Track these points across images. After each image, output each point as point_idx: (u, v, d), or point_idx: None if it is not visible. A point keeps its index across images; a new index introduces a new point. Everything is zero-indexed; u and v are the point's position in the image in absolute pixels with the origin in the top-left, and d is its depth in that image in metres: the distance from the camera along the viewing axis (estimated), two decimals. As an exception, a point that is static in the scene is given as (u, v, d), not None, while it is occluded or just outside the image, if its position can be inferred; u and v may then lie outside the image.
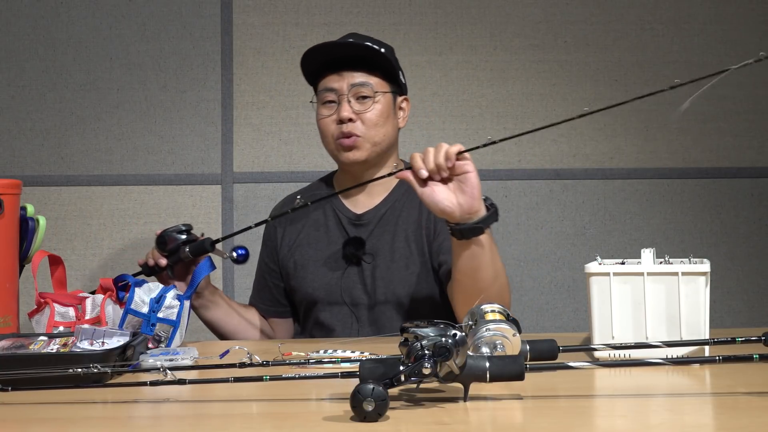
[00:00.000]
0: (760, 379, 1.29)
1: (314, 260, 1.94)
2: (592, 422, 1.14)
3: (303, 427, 1.10)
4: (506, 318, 1.32)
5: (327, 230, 1.96)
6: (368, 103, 1.88)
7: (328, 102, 1.90)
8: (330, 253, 1.94)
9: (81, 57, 2.72)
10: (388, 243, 1.91)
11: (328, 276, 1.92)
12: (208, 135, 2.74)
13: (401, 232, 1.91)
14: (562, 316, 2.76)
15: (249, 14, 2.75)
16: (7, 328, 1.63)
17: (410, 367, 1.11)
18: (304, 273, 1.94)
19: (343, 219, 1.95)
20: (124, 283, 1.68)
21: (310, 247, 1.96)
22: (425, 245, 1.89)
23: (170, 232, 1.85)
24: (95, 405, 1.22)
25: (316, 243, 1.96)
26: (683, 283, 1.44)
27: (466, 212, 1.60)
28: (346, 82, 1.88)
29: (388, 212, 1.93)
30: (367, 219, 1.94)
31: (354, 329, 1.89)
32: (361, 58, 1.89)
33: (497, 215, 1.65)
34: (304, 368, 1.39)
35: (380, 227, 1.92)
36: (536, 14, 2.78)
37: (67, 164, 2.72)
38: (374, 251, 1.90)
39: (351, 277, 1.90)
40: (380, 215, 1.93)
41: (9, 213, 1.66)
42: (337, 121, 1.88)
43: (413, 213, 1.92)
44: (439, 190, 1.60)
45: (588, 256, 1.57)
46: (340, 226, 1.95)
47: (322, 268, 1.93)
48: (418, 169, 1.60)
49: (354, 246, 1.90)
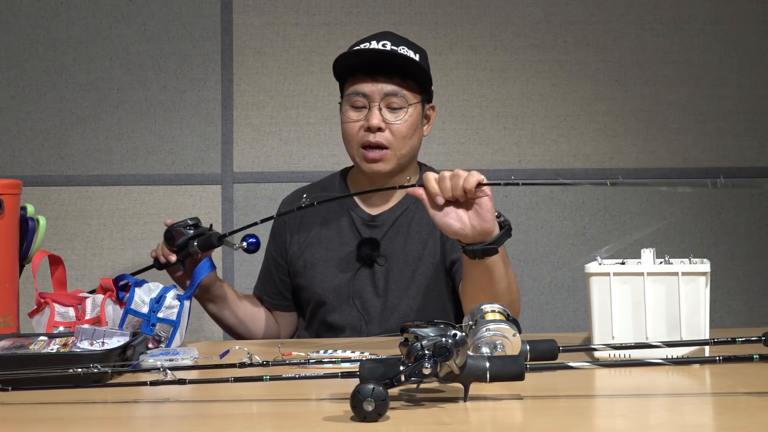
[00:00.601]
0: (760, 379, 1.29)
1: (325, 260, 1.92)
2: (592, 422, 1.14)
3: (303, 427, 1.10)
4: (506, 318, 1.32)
5: (339, 230, 1.93)
6: (399, 114, 1.83)
7: (358, 106, 1.85)
8: (341, 253, 1.91)
9: (81, 57, 2.72)
10: (401, 246, 1.89)
11: (338, 277, 1.90)
12: (208, 135, 2.74)
13: (415, 235, 1.89)
14: (562, 316, 2.76)
15: (249, 14, 2.75)
16: (7, 328, 1.63)
17: (410, 367, 1.11)
18: (314, 272, 1.92)
19: (357, 219, 1.92)
20: (124, 283, 1.68)
21: (321, 246, 1.93)
22: (439, 245, 1.88)
23: (177, 227, 1.84)
24: (95, 405, 1.22)
25: (327, 242, 1.93)
26: (683, 283, 1.44)
27: (478, 234, 1.55)
28: (379, 90, 1.82)
29: (403, 215, 1.91)
30: (381, 221, 1.92)
31: (363, 332, 1.87)
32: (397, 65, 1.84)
33: (510, 232, 1.59)
34: (304, 368, 1.39)
35: (394, 229, 1.90)
36: (536, 14, 2.78)
37: (67, 164, 2.72)
38: (387, 254, 1.88)
39: (362, 279, 1.89)
40: (395, 217, 1.91)
41: (9, 213, 1.66)
42: (365, 127, 1.83)
43: (427, 216, 1.90)
44: (451, 212, 1.55)
45: (588, 256, 1.56)
46: (353, 227, 1.92)
47: (332, 269, 1.91)
48: (434, 196, 1.54)
49: (369, 247, 1.88)
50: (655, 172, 2.79)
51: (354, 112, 1.85)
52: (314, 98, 2.74)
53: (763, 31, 2.81)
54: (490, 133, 2.77)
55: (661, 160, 2.79)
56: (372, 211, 1.93)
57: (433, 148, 2.76)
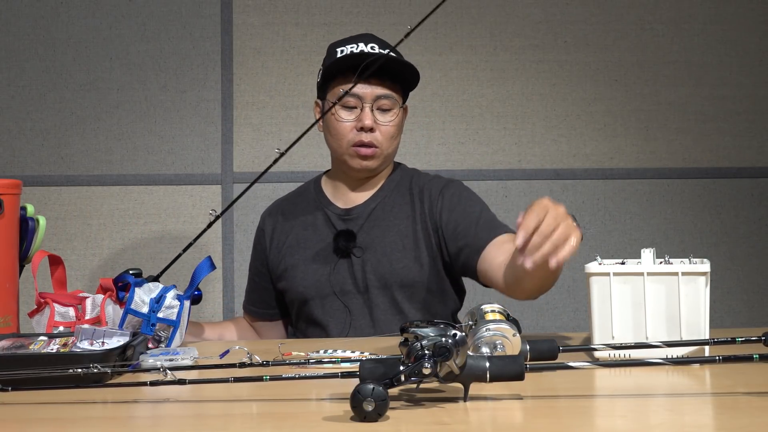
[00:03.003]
0: (760, 379, 1.29)
1: (304, 259, 1.95)
2: (592, 422, 1.14)
3: (303, 427, 1.10)
4: (506, 318, 1.32)
5: (315, 229, 1.96)
6: (388, 116, 1.90)
7: (350, 106, 1.89)
8: (319, 249, 1.94)
9: (81, 57, 2.72)
10: (378, 237, 1.91)
11: (318, 272, 1.92)
12: (208, 135, 2.74)
13: (393, 227, 1.91)
14: (562, 316, 2.76)
15: (249, 14, 2.75)
16: (7, 328, 1.63)
17: (410, 367, 1.11)
18: (294, 273, 1.95)
19: (332, 215, 1.96)
20: (124, 283, 1.67)
21: (299, 247, 1.97)
22: (425, 237, 1.90)
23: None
24: (95, 405, 1.22)
25: (305, 242, 1.96)
26: (683, 283, 1.43)
27: None
28: (371, 92, 1.88)
29: (378, 207, 1.94)
30: (356, 213, 1.95)
31: (347, 323, 1.89)
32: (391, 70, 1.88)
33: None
34: (304, 368, 1.39)
35: (370, 222, 1.93)
36: (536, 14, 2.78)
37: (67, 164, 2.72)
38: (364, 245, 1.91)
39: (341, 271, 1.91)
40: (369, 210, 1.94)
41: (9, 213, 1.66)
42: (357, 127, 1.88)
43: (405, 208, 1.93)
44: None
45: (588, 256, 1.56)
46: (328, 223, 1.96)
47: (311, 266, 1.93)
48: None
49: (345, 238, 1.91)
50: (655, 172, 2.79)
51: (345, 113, 1.90)
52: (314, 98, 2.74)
53: (763, 31, 2.81)
54: (490, 133, 2.77)
55: (661, 160, 2.79)
56: (346, 206, 1.97)
57: (433, 148, 2.76)
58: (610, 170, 2.79)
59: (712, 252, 2.75)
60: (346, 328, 1.89)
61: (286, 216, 2.02)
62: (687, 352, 1.43)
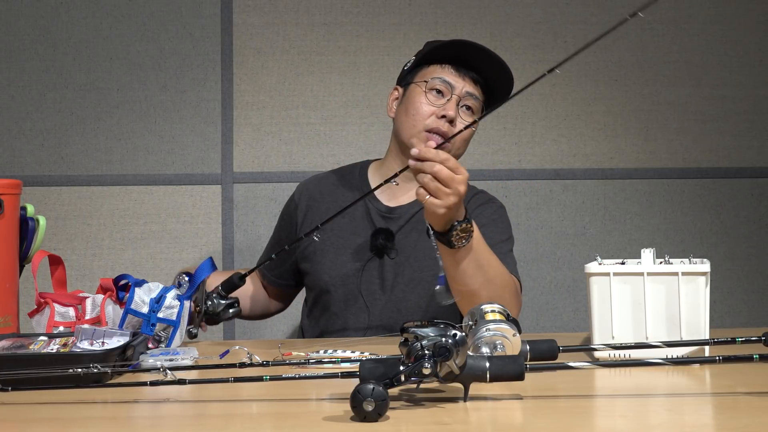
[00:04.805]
0: (760, 379, 1.29)
1: (335, 247, 1.89)
2: (592, 422, 1.14)
3: (303, 427, 1.10)
4: (506, 318, 1.32)
5: (353, 219, 1.89)
6: (468, 118, 1.84)
7: (437, 90, 1.85)
8: (352, 242, 1.89)
9: (81, 57, 2.72)
10: (414, 242, 1.87)
11: (347, 266, 1.87)
12: (208, 135, 2.74)
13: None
14: (562, 316, 2.76)
15: (249, 14, 2.75)
16: (7, 328, 1.63)
17: (410, 367, 1.11)
18: (323, 259, 1.89)
19: (373, 210, 1.90)
20: (124, 283, 1.68)
21: (333, 233, 1.89)
22: None
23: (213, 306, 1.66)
24: (95, 405, 1.22)
25: (339, 230, 1.89)
26: (683, 283, 1.44)
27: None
28: (464, 86, 1.84)
29: (421, 212, 1.85)
30: (398, 213, 1.90)
31: (364, 324, 1.86)
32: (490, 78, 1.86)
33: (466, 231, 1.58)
34: (304, 368, 1.39)
35: (410, 224, 1.88)
36: (536, 14, 2.78)
37: (67, 164, 2.72)
38: (400, 248, 1.86)
39: (371, 271, 1.87)
40: (413, 212, 1.89)
41: (9, 213, 1.66)
42: (438, 114, 1.82)
43: None
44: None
45: (588, 256, 1.56)
46: (368, 217, 1.90)
47: (341, 257, 1.88)
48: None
49: (384, 237, 1.86)
50: (655, 173, 2.79)
51: (433, 96, 1.85)
52: (314, 98, 2.74)
53: (763, 31, 2.81)
54: (490, 133, 2.77)
55: (661, 160, 2.79)
56: (390, 203, 1.92)
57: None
58: (610, 170, 2.79)
59: (712, 252, 2.74)
60: (363, 327, 1.85)
61: (324, 196, 1.95)
62: (687, 352, 1.43)
